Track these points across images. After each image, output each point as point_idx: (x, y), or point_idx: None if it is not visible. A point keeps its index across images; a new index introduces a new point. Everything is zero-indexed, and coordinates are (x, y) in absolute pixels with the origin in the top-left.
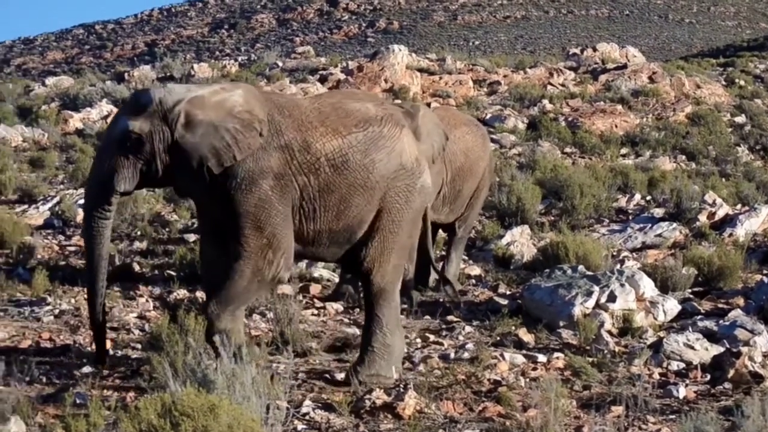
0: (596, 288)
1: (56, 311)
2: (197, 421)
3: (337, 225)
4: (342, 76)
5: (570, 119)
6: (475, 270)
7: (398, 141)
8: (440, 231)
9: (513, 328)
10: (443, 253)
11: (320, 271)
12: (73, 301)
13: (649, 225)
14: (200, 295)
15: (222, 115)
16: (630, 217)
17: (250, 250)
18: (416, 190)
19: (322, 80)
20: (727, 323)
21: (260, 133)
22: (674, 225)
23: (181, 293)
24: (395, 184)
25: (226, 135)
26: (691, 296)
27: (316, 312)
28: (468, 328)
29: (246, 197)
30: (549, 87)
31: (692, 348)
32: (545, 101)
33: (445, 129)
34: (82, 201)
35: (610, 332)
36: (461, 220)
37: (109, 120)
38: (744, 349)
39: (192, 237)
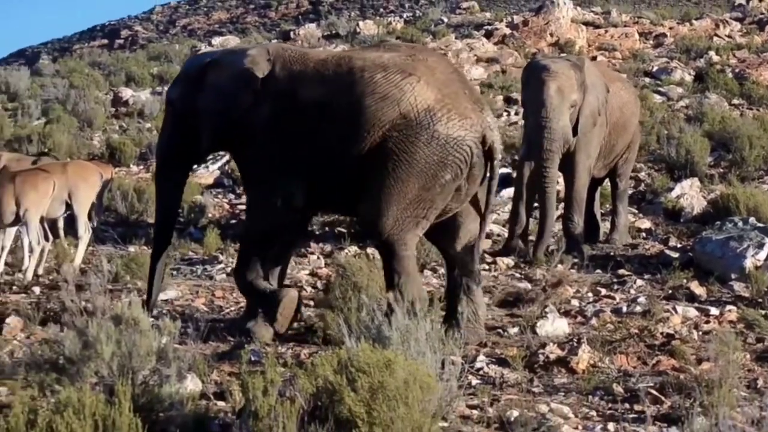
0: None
1: (228, 269)
2: (373, 377)
3: (333, 174)
4: (507, 31)
5: (737, 70)
6: (645, 223)
7: (395, 88)
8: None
9: (684, 281)
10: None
11: (490, 226)
12: None
13: None
14: (370, 251)
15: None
16: None
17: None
18: (422, 141)
19: (488, 35)
20: None
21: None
22: None
23: (352, 250)
24: (392, 134)
25: None
26: None
27: (487, 267)
28: (639, 282)
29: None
30: (715, 38)
31: None
32: (711, 53)
33: (606, 83)
34: None
35: None
36: (619, 175)
37: None
38: None
39: None
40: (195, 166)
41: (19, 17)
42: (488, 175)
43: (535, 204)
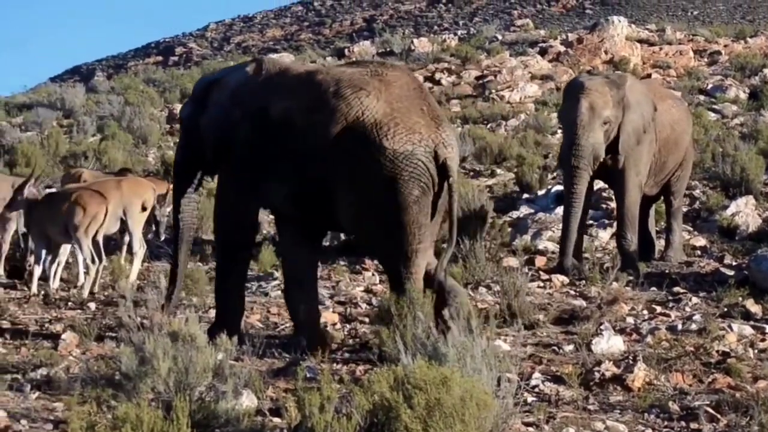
0: None
1: (283, 286)
2: (430, 393)
3: (297, 189)
4: (562, 49)
5: None
6: (700, 241)
7: (343, 102)
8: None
9: (740, 299)
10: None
11: (545, 243)
12: None
13: None
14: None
15: None
16: None
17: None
18: (370, 156)
19: (542, 53)
20: None
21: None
22: None
23: None
24: (343, 148)
25: None
26: None
27: (542, 284)
28: (695, 300)
29: None
30: None
31: None
32: (766, 70)
33: (654, 101)
34: None
35: None
36: (673, 192)
37: None
38: None
39: None
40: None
41: (74, 34)
42: (449, 195)
43: (589, 220)
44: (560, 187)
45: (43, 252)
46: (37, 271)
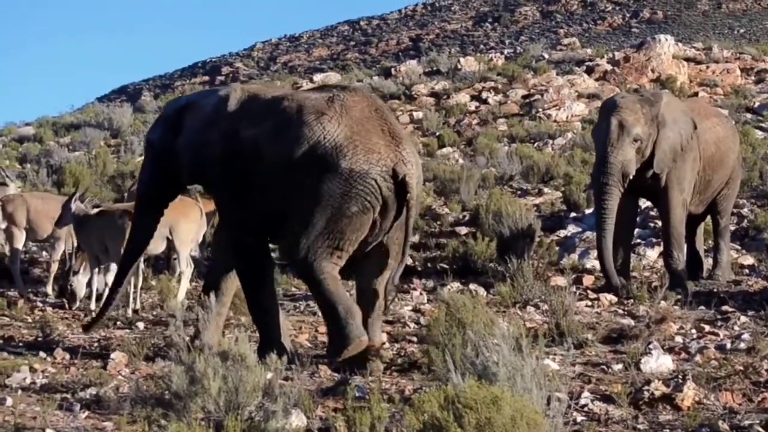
0: None
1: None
2: (480, 413)
3: (270, 211)
4: (608, 67)
5: None
6: (749, 260)
7: (305, 127)
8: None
9: None
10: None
11: (593, 262)
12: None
13: None
14: (473, 287)
15: None
16: None
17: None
18: (327, 176)
19: (589, 71)
20: None
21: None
22: None
23: (455, 286)
24: (304, 171)
25: None
26: None
27: (590, 303)
28: (743, 318)
29: None
30: None
31: None
32: None
33: (695, 118)
34: None
35: None
36: (720, 211)
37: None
38: None
39: (464, 230)
40: None
41: (120, 54)
42: (405, 210)
43: (636, 239)
44: None
45: (95, 270)
46: (88, 289)
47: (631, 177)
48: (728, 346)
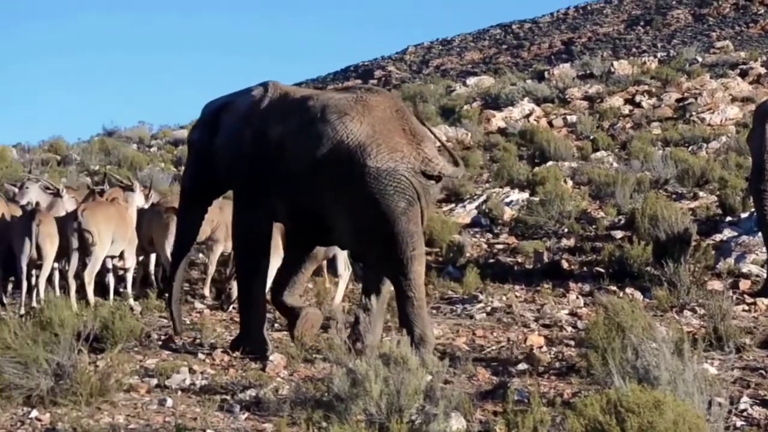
0: None
1: (488, 308)
2: (642, 417)
3: (293, 208)
4: (762, 71)
5: None
6: None
7: (329, 127)
8: None
9: None
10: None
11: (749, 266)
12: (504, 298)
13: None
14: (630, 291)
15: None
16: None
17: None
18: (356, 176)
19: (743, 75)
20: None
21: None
22: None
23: (611, 289)
24: (330, 171)
25: None
26: None
27: (746, 308)
28: None
29: None
30: None
31: None
32: None
33: None
34: (508, 199)
35: None
36: None
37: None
38: None
39: (619, 234)
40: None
41: (272, 58)
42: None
43: None
44: None
45: None
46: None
47: None
48: None
